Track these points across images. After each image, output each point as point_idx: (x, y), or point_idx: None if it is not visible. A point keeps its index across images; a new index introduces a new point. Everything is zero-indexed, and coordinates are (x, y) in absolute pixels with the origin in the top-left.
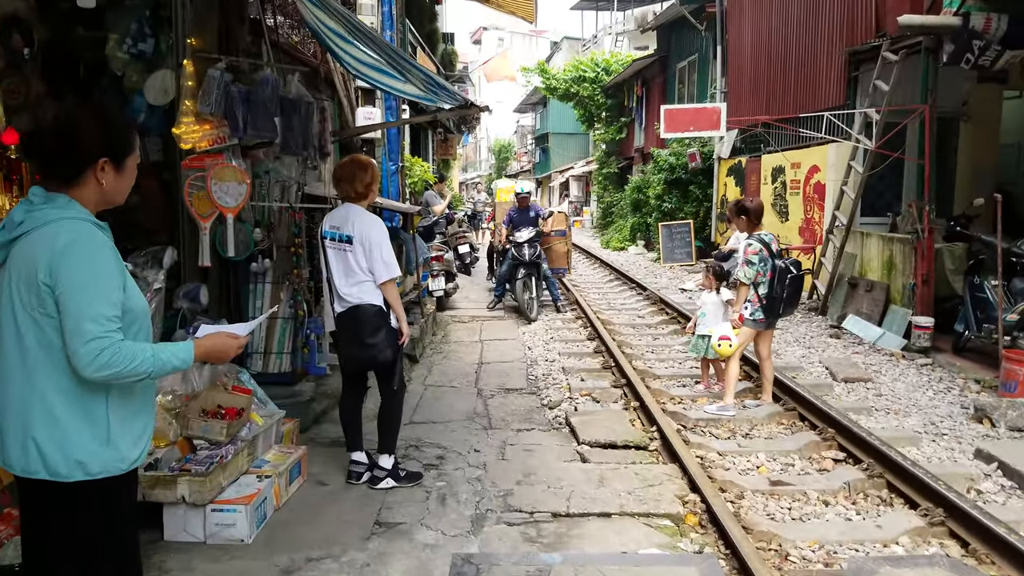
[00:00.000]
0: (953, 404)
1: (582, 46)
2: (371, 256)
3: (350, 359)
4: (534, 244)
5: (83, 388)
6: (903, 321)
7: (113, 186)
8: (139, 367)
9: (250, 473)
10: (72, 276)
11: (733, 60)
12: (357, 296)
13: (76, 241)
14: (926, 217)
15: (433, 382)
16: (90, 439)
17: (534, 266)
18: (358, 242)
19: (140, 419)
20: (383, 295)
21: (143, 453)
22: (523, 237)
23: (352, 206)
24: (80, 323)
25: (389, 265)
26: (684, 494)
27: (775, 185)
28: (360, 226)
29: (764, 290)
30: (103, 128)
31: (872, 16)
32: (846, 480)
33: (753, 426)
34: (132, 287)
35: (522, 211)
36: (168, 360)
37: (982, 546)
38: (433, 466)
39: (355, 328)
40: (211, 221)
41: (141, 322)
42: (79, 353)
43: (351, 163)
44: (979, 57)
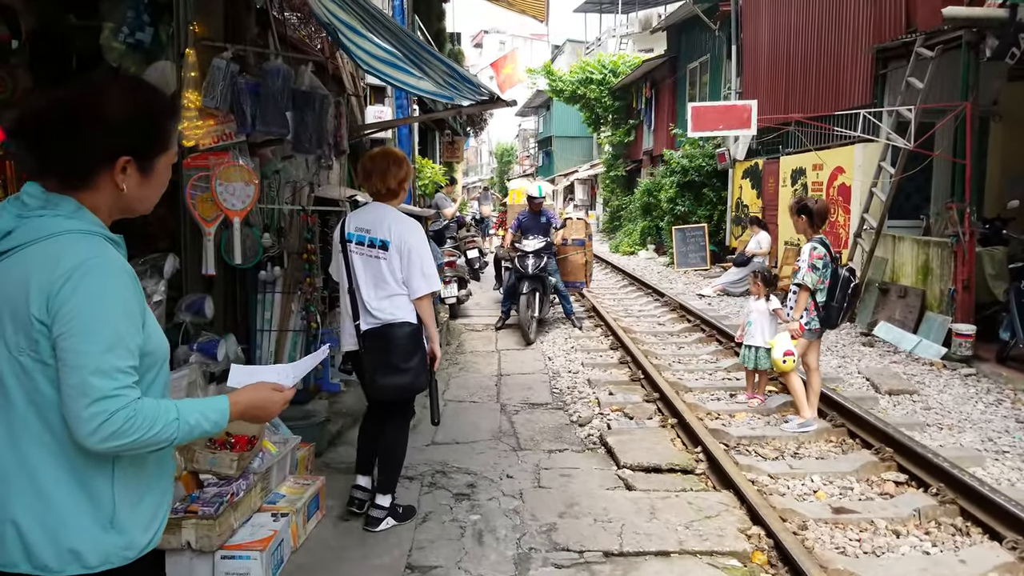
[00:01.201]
0: (1007, 418)
1: (585, 49)
2: (409, 266)
3: (378, 388)
4: (541, 255)
5: (83, 456)
6: (942, 328)
7: (136, 192)
8: (160, 435)
9: (264, 511)
10: (78, 314)
11: (749, 60)
12: (390, 312)
13: (85, 265)
14: (967, 219)
15: (452, 397)
16: (90, 522)
17: (538, 280)
18: (395, 249)
19: (154, 494)
20: (417, 311)
21: (157, 535)
22: (530, 246)
23: (384, 206)
24: (85, 378)
25: (430, 278)
26: (746, 527)
27: (795, 187)
28: (398, 230)
29: (822, 298)
30: (129, 114)
31: (902, 11)
32: (916, 507)
33: (800, 444)
34: (152, 323)
35: (534, 216)
36: (197, 424)
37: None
38: (464, 496)
39: (386, 350)
40: (216, 225)
41: (160, 367)
42: (82, 417)
43: (383, 155)
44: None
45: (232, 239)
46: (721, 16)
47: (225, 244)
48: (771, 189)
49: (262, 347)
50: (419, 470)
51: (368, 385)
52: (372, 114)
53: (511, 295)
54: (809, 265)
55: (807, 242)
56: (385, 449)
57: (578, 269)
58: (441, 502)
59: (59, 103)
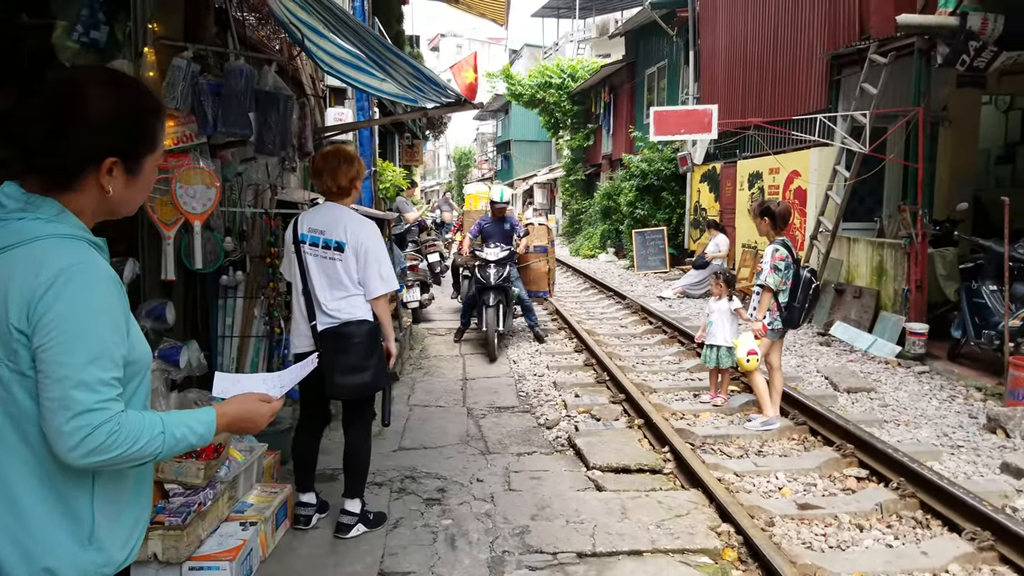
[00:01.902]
0: (961, 414)
1: (543, 54)
2: (366, 268)
3: (337, 387)
4: (504, 264)
5: (62, 471)
6: (896, 327)
7: (122, 194)
8: (144, 449)
9: (232, 520)
10: (61, 323)
11: (706, 65)
12: (347, 312)
13: (68, 271)
14: (919, 221)
15: (418, 401)
16: (66, 538)
17: (501, 291)
18: (351, 250)
19: (133, 509)
20: (373, 310)
21: (134, 551)
22: (491, 255)
23: (337, 206)
24: (67, 391)
25: (387, 279)
26: (716, 524)
27: (752, 191)
28: (354, 232)
29: (784, 298)
30: (116, 113)
31: (855, 19)
32: (877, 501)
33: (764, 442)
34: (136, 331)
35: (496, 222)
36: (183, 438)
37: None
38: (435, 501)
39: (345, 349)
40: (176, 229)
41: (143, 376)
42: (63, 432)
43: (334, 154)
44: (975, 58)
45: (192, 243)
46: (679, 22)
47: (185, 248)
48: (728, 193)
49: (224, 354)
50: (388, 476)
51: (327, 385)
52: (332, 116)
53: (471, 307)
54: (772, 266)
55: (769, 244)
56: (349, 453)
57: (541, 278)
58: (411, 508)
59: (44, 101)
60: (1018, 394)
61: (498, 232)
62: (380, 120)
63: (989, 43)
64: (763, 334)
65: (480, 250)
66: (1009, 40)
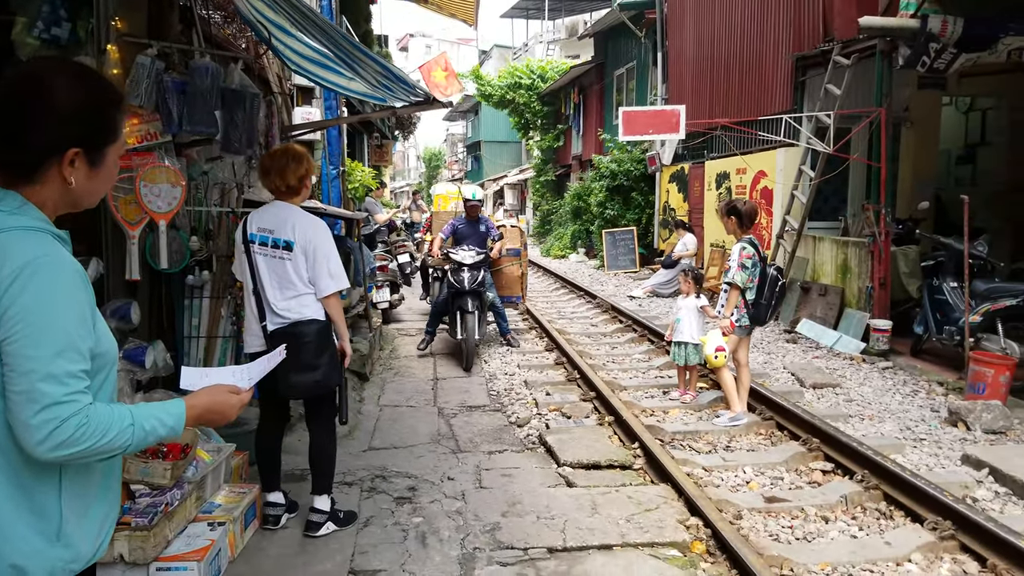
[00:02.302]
0: (923, 408)
1: (513, 55)
2: (316, 265)
3: (291, 386)
4: (479, 268)
5: (28, 466)
6: (860, 324)
7: (85, 186)
8: (114, 442)
9: (199, 520)
10: (27, 316)
11: (674, 67)
12: (297, 311)
13: (33, 264)
14: (882, 220)
15: (388, 402)
16: (33, 535)
17: (476, 296)
18: (300, 249)
19: (102, 504)
20: (325, 309)
21: (103, 547)
22: (467, 258)
23: (286, 205)
24: (34, 384)
25: (337, 276)
26: (684, 518)
27: (720, 191)
28: (303, 230)
29: (752, 296)
30: (79, 103)
31: (820, 22)
32: (842, 494)
33: (732, 438)
34: (102, 324)
35: (471, 224)
36: (153, 430)
37: (1001, 561)
38: (405, 499)
39: (296, 348)
40: (140, 228)
41: (110, 369)
42: (31, 425)
43: (283, 152)
44: (935, 60)
45: (158, 243)
46: (647, 24)
47: (150, 248)
48: (697, 193)
49: (190, 354)
50: (358, 475)
51: (280, 384)
52: (300, 116)
53: (441, 313)
54: (739, 264)
55: (736, 242)
56: (314, 451)
57: (514, 282)
58: (382, 506)
59: (3, 94)
60: (978, 388)
61: (472, 234)
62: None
63: (949, 45)
64: (731, 331)
65: (454, 252)
66: (968, 42)
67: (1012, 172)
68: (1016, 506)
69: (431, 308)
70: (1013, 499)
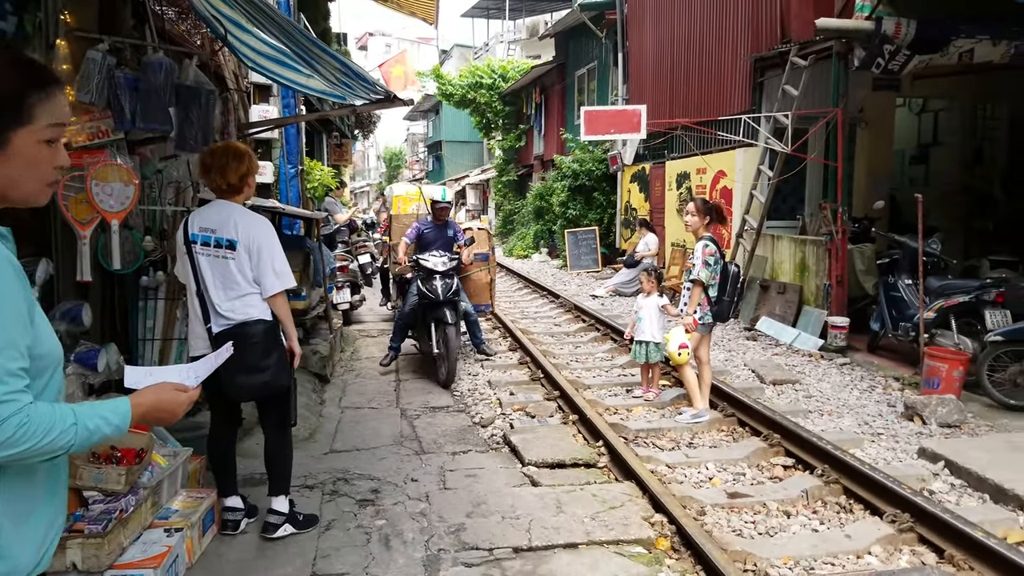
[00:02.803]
0: (880, 403)
1: (474, 54)
2: (260, 264)
3: (237, 388)
4: (451, 275)
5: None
6: (818, 322)
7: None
8: (56, 442)
9: (156, 526)
10: None
11: (635, 67)
12: (242, 312)
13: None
14: (839, 219)
15: (350, 403)
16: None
17: (451, 306)
18: (243, 248)
19: (45, 511)
20: (272, 309)
21: (46, 558)
22: (439, 264)
23: (229, 204)
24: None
25: (282, 275)
26: (649, 515)
27: (680, 191)
28: (245, 228)
29: (714, 293)
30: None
31: (777, 23)
32: (803, 488)
33: (695, 434)
34: (43, 323)
35: (438, 227)
36: (97, 429)
37: (959, 552)
38: (368, 501)
39: (241, 350)
40: (92, 228)
41: (53, 371)
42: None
43: (224, 150)
44: (889, 62)
45: (110, 243)
46: (608, 24)
47: (102, 248)
48: (658, 193)
49: (145, 357)
50: (319, 478)
51: (227, 386)
52: (257, 114)
53: (408, 326)
54: (703, 261)
55: (698, 240)
56: (269, 452)
57: (483, 289)
58: (344, 509)
59: None
60: (933, 383)
61: (439, 239)
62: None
63: (903, 47)
64: (694, 328)
65: (424, 259)
66: (921, 44)
67: (962, 173)
68: (971, 498)
69: (395, 320)
70: (968, 491)
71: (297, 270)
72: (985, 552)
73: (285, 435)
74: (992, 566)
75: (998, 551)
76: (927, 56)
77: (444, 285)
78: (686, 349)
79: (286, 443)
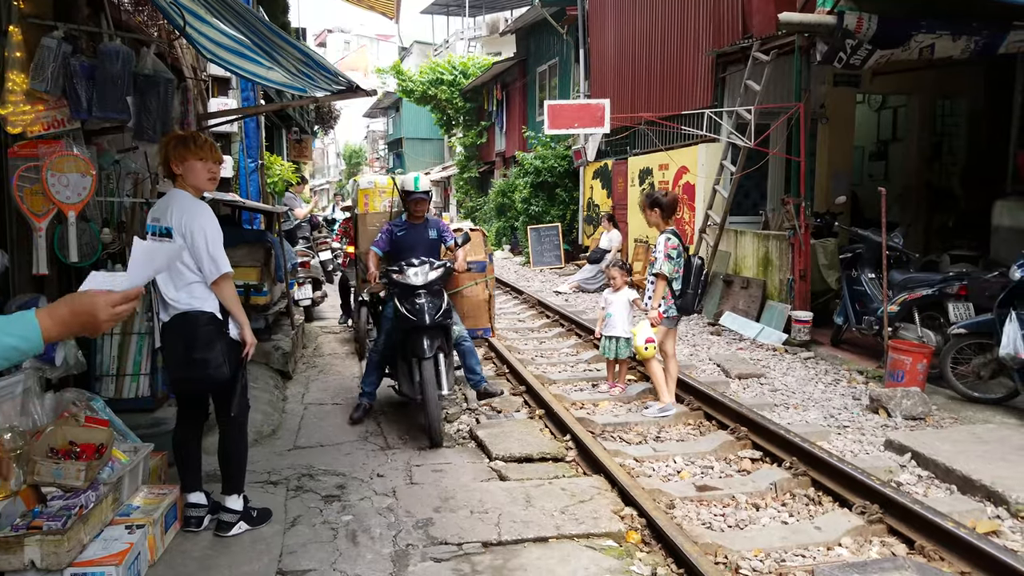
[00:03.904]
0: (845, 396)
1: (434, 51)
2: (195, 249)
3: (176, 382)
4: (438, 289)
5: None
6: (782, 316)
7: None
8: None
9: (117, 523)
10: None
11: (596, 63)
12: (186, 302)
13: None
14: (802, 213)
15: (313, 400)
16: None
17: (441, 333)
18: (178, 234)
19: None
20: (218, 298)
21: None
22: (418, 276)
23: (176, 192)
24: None
25: (216, 260)
26: (619, 508)
27: (643, 186)
28: (178, 214)
29: (678, 286)
30: None
31: (739, 18)
32: (772, 481)
33: (662, 428)
34: None
35: (415, 228)
36: (2, 341)
37: (929, 543)
38: (334, 497)
39: (183, 341)
40: (48, 220)
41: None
42: None
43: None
44: (851, 56)
45: (67, 235)
46: (569, 20)
47: (59, 240)
48: (620, 189)
49: (103, 351)
50: (283, 475)
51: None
52: (215, 106)
53: (385, 362)
54: (665, 255)
55: (660, 234)
56: (221, 448)
57: (479, 308)
58: (310, 505)
59: None
60: (897, 375)
61: (419, 243)
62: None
63: (864, 41)
64: (659, 322)
65: (398, 271)
66: (883, 39)
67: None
68: (939, 489)
69: (368, 356)
70: (936, 482)
71: (258, 265)
72: (955, 542)
73: (239, 431)
74: (962, 556)
75: (968, 541)
76: (888, 51)
77: (431, 304)
78: (652, 343)
79: (239, 439)
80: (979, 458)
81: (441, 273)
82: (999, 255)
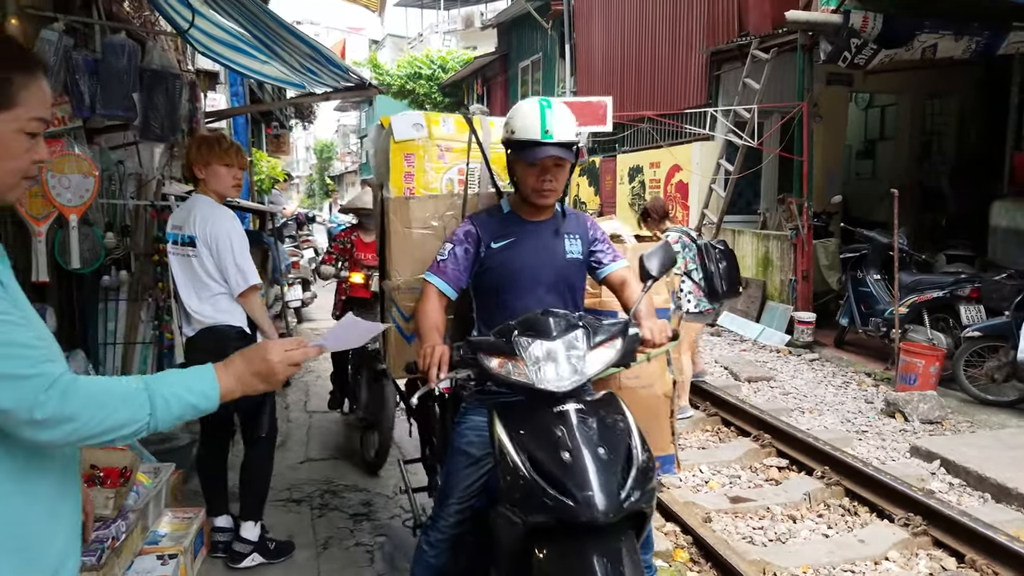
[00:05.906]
0: (857, 399)
1: (407, 44)
2: (221, 259)
3: None
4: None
5: None
6: (784, 317)
7: None
8: (119, 422)
9: (146, 552)
10: None
11: (583, 59)
12: (211, 315)
13: None
14: (804, 213)
15: (317, 407)
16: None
17: (629, 534)
18: (202, 243)
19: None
20: (246, 311)
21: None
22: (563, 367)
23: (198, 197)
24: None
25: (245, 271)
26: (660, 524)
27: (633, 185)
28: (201, 221)
29: (699, 275)
30: None
31: (734, 16)
32: (804, 491)
33: (680, 434)
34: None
35: (530, 231)
36: (181, 398)
37: (980, 556)
38: (363, 516)
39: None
40: (48, 224)
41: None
42: None
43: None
44: (856, 55)
45: (68, 240)
46: (554, 15)
47: (59, 246)
48: (608, 187)
49: (106, 363)
50: (305, 491)
51: None
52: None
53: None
54: None
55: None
56: (245, 470)
57: (655, 418)
58: (339, 525)
59: None
60: (909, 378)
61: (545, 265)
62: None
63: (869, 41)
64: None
65: (504, 350)
66: (887, 38)
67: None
68: (972, 497)
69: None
70: (968, 490)
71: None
72: (1008, 555)
73: (265, 451)
74: (1017, 569)
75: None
76: (893, 50)
77: (602, 444)
78: None
79: (265, 461)
80: (1010, 465)
81: (620, 350)
82: (996, 255)
